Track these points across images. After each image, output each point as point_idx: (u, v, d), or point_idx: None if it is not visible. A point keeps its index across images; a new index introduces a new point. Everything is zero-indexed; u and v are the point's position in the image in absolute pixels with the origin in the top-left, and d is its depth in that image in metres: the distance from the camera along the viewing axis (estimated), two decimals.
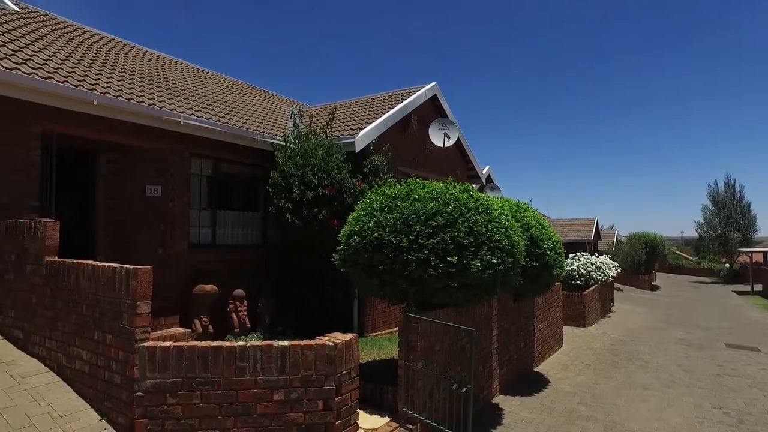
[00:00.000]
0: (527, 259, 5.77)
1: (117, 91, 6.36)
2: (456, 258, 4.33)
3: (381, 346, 7.15)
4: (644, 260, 29.21)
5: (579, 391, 6.82)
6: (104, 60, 7.90)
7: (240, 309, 7.19)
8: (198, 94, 8.91)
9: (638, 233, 31.33)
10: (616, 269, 15.35)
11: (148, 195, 7.01)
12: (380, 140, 8.38)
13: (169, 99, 7.47)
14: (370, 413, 4.65)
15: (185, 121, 6.78)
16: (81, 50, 7.75)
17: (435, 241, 4.37)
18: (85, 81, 6.11)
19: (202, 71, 12.19)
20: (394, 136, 9.03)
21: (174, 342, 3.53)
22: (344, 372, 3.63)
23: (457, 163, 11.81)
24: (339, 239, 5.12)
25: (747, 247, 35.78)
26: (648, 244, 29.68)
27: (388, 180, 7.10)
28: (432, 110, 10.60)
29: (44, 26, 8.06)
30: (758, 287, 27.50)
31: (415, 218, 4.49)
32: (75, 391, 3.90)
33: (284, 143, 7.98)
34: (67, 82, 5.68)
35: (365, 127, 8.27)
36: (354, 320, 8.02)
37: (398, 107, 9.23)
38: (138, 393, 3.34)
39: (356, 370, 3.79)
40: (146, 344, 3.40)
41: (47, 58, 6.22)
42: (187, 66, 11.86)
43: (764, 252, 33.11)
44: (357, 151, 7.89)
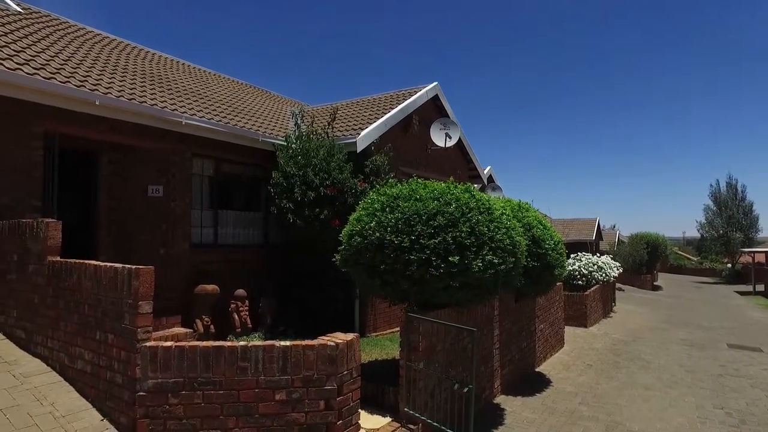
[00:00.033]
0: (529, 259, 5.76)
1: (119, 92, 6.37)
2: (457, 258, 4.32)
3: (382, 346, 7.15)
4: (646, 260, 29.20)
5: (581, 392, 6.82)
6: (106, 60, 7.92)
7: (241, 309, 7.20)
8: (199, 95, 8.92)
9: (640, 233, 31.33)
10: (618, 269, 15.34)
11: (150, 195, 7.02)
12: (382, 140, 8.37)
13: (171, 99, 7.48)
14: (372, 413, 4.65)
15: (187, 122, 6.79)
16: (83, 51, 7.77)
17: (436, 241, 4.37)
18: (87, 81, 6.12)
19: (204, 71, 12.20)
20: (396, 136, 9.03)
21: (176, 342, 3.54)
22: (346, 372, 3.63)
23: (459, 163, 11.80)
24: (340, 239, 5.12)
25: (749, 247, 35.71)
26: (650, 244, 29.67)
27: (390, 180, 7.10)
28: (433, 110, 10.60)
29: (46, 27, 8.08)
30: (760, 287, 27.46)
31: (417, 218, 4.49)
32: (77, 391, 3.91)
33: (286, 143, 7.98)
34: (70, 83, 5.69)
35: (367, 127, 8.27)
36: (355, 320, 8.02)
37: (400, 107, 9.23)
38: (140, 393, 3.35)
39: (358, 370, 3.80)
40: (148, 344, 3.41)
41: (49, 59, 6.23)
42: (189, 66, 11.87)
43: (766, 252, 32.98)
44: (358, 151, 7.89)
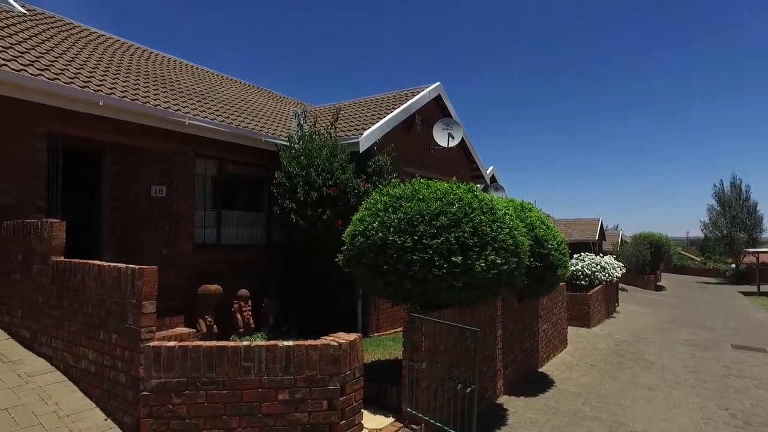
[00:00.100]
0: (532, 260, 5.75)
1: (122, 92, 6.39)
2: (460, 258, 4.32)
3: (385, 346, 7.15)
4: (649, 260, 29.13)
5: (584, 392, 6.80)
6: (109, 61, 7.94)
7: (244, 309, 7.21)
8: (202, 95, 8.94)
9: (643, 233, 31.25)
10: (621, 269, 15.30)
11: (153, 195, 7.04)
12: (384, 140, 8.37)
13: (174, 100, 7.50)
14: (375, 413, 4.65)
15: (190, 122, 6.81)
16: (87, 52, 7.80)
17: (439, 242, 4.36)
18: (91, 82, 6.14)
19: (207, 72, 12.23)
20: (398, 137, 9.03)
21: (179, 342, 3.55)
22: (348, 372, 3.63)
23: (462, 164, 11.79)
24: (343, 239, 5.12)
25: (753, 248, 35.54)
26: (653, 245, 29.60)
27: (392, 180, 7.10)
28: (436, 110, 10.59)
29: (51, 28, 8.11)
30: (765, 288, 27.35)
31: (420, 218, 4.49)
32: (81, 391, 3.93)
33: (288, 144, 7.99)
34: (74, 84, 5.71)
35: (369, 128, 8.27)
36: (358, 320, 8.02)
37: (402, 107, 9.23)
38: (143, 392, 3.36)
39: (360, 370, 3.80)
40: (151, 344, 3.42)
41: (53, 60, 6.25)
42: (192, 67, 11.90)
43: None
44: (361, 152, 7.89)
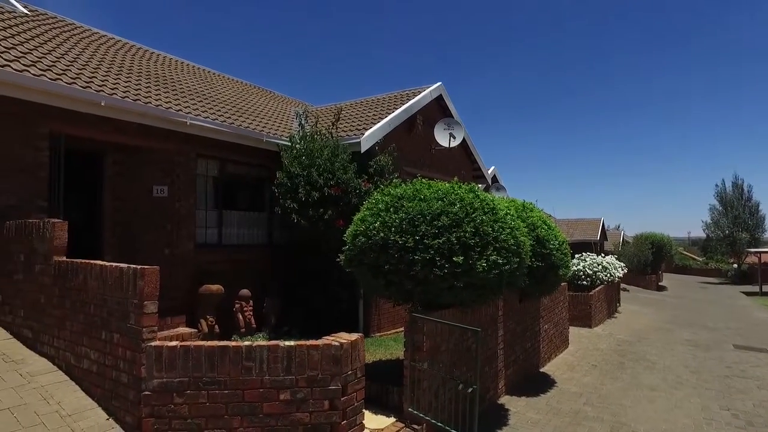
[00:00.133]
0: (533, 260, 5.75)
1: (124, 92, 6.40)
2: (462, 258, 4.32)
3: (387, 347, 7.15)
4: (651, 260, 29.07)
5: (585, 392, 6.79)
6: (111, 61, 7.96)
7: (246, 309, 7.22)
8: (204, 95, 8.95)
9: (645, 233, 31.19)
10: (623, 269, 15.28)
11: (155, 195, 7.05)
12: (386, 140, 8.37)
13: (176, 100, 7.51)
14: (376, 413, 4.65)
15: (191, 122, 6.81)
16: (89, 52, 7.81)
17: (441, 242, 4.36)
18: (93, 82, 6.16)
19: (208, 72, 12.24)
20: (400, 137, 9.03)
21: (180, 342, 3.55)
22: (350, 372, 3.63)
23: (463, 164, 11.79)
24: (344, 239, 5.12)
25: (755, 248, 35.45)
26: (654, 245, 29.54)
27: (394, 180, 7.11)
28: (437, 110, 10.58)
29: (53, 29, 8.13)
30: (767, 288, 27.28)
31: (421, 218, 4.49)
32: (83, 390, 3.93)
33: (290, 144, 8.00)
34: (75, 84, 5.72)
35: (371, 128, 8.27)
36: (359, 320, 8.02)
37: (403, 107, 9.22)
38: (145, 392, 3.37)
39: (362, 370, 3.80)
40: (153, 344, 3.42)
41: (56, 60, 6.27)
42: (193, 67, 11.91)
43: None
44: (362, 152, 7.89)
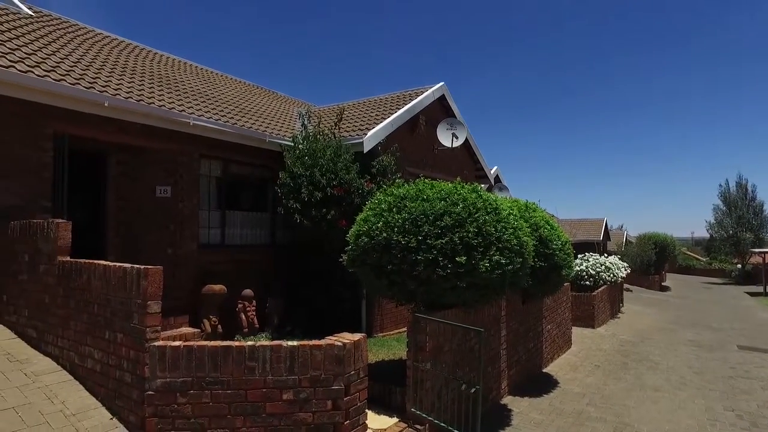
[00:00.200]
0: (536, 260, 5.74)
1: (127, 93, 6.42)
2: (464, 258, 4.32)
3: (389, 347, 7.15)
4: (654, 261, 28.96)
5: (588, 392, 6.77)
6: (115, 62, 7.98)
7: (249, 309, 7.23)
8: (207, 96, 8.97)
9: (648, 233, 31.08)
10: (626, 270, 15.22)
11: (158, 196, 7.07)
12: (388, 140, 8.37)
13: (179, 100, 7.53)
14: (379, 413, 4.65)
15: (194, 122, 6.83)
16: (92, 53, 7.84)
17: (443, 242, 4.36)
18: (97, 83, 6.18)
19: (211, 72, 12.26)
20: (402, 137, 9.03)
21: (184, 342, 3.56)
22: (353, 372, 3.63)
23: (466, 164, 11.78)
24: (347, 239, 5.13)
25: (759, 248, 35.25)
26: (658, 245, 29.44)
27: (397, 180, 7.11)
28: (440, 110, 10.58)
29: (57, 30, 8.16)
30: None
31: (424, 218, 4.49)
32: (87, 390, 3.95)
33: (293, 144, 8.00)
34: (79, 84, 5.74)
35: (373, 128, 8.27)
36: (362, 320, 8.02)
37: (406, 107, 9.22)
38: (148, 392, 3.38)
39: (365, 370, 3.80)
40: (156, 344, 3.43)
41: (59, 61, 6.29)
42: (196, 67, 11.94)
43: None
44: (365, 152, 7.89)
